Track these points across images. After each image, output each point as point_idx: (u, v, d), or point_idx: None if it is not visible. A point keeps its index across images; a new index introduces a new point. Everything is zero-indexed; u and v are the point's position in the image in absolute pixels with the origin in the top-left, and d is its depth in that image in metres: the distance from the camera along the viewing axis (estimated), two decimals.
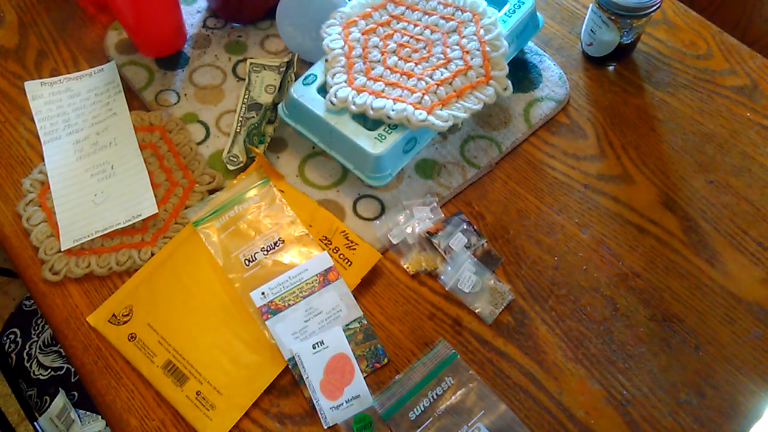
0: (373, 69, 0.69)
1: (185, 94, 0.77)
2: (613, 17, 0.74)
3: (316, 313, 0.63)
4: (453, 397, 0.59)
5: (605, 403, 0.60)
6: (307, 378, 0.60)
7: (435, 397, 0.59)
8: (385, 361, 0.62)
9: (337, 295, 0.63)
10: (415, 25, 0.72)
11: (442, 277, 0.66)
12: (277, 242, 0.66)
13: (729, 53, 0.82)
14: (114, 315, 0.63)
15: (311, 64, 0.74)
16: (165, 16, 0.76)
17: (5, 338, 0.99)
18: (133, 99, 0.78)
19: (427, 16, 0.72)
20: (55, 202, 0.69)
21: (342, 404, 0.59)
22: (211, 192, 0.70)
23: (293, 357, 0.61)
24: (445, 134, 0.74)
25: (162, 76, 0.78)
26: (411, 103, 0.66)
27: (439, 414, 0.58)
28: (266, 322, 0.62)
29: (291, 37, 0.77)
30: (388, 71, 0.69)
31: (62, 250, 0.66)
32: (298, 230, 0.67)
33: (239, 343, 0.62)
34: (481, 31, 0.70)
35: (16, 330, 0.99)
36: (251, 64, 0.78)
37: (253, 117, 0.74)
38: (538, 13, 0.77)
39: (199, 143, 0.74)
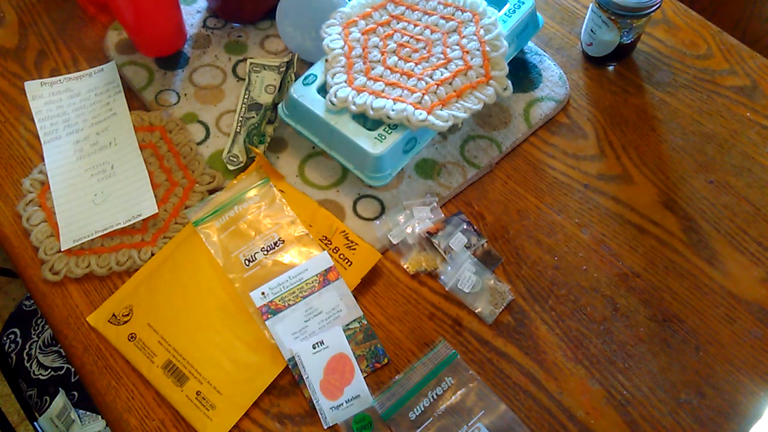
0: (373, 69, 0.69)
1: (185, 94, 0.77)
2: (613, 17, 0.74)
3: (316, 313, 0.63)
4: (453, 397, 0.59)
5: (605, 403, 0.60)
6: (307, 378, 0.60)
7: (435, 397, 0.59)
8: (385, 361, 0.62)
9: (337, 295, 0.63)
10: (415, 25, 0.72)
11: (442, 277, 0.66)
12: (277, 242, 0.66)
13: (729, 53, 0.82)
14: (114, 315, 0.63)
15: (311, 64, 0.74)
16: (165, 16, 0.76)
17: (5, 338, 0.99)
18: (133, 99, 0.78)
19: (427, 16, 0.72)
20: (55, 202, 0.69)
21: (342, 404, 0.59)
22: (211, 192, 0.70)
23: (293, 357, 0.61)
24: (445, 134, 0.74)
25: (162, 76, 0.78)
26: (411, 103, 0.66)
27: (439, 414, 0.58)
28: (266, 322, 0.62)
29: (291, 37, 0.77)
30: (388, 71, 0.69)
31: (62, 250, 0.66)
32: (298, 230, 0.67)
33: (239, 343, 0.62)
34: (481, 31, 0.70)
35: (16, 330, 0.99)
36: (251, 64, 0.78)
37: (253, 117, 0.74)
38: (538, 13, 0.77)
39: (199, 143, 0.74)
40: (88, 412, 0.91)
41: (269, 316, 0.62)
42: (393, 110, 0.65)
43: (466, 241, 0.67)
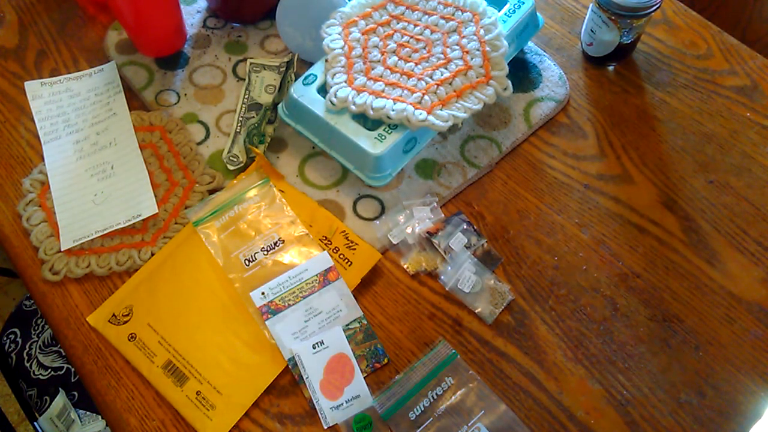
0: (373, 69, 0.69)
1: (185, 94, 0.77)
2: (613, 17, 0.74)
3: (316, 313, 0.63)
4: (453, 397, 0.59)
5: (605, 403, 0.60)
6: (307, 378, 0.60)
7: (435, 397, 0.59)
8: (385, 361, 0.62)
9: (337, 295, 0.63)
10: (415, 25, 0.72)
11: (442, 277, 0.66)
12: (277, 242, 0.66)
13: (729, 53, 0.82)
14: (114, 315, 0.63)
15: (311, 64, 0.74)
16: (165, 16, 0.76)
17: (5, 338, 0.99)
18: (133, 99, 0.78)
19: (427, 16, 0.72)
20: (55, 202, 0.69)
21: (342, 404, 0.59)
22: (211, 192, 0.70)
23: (293, 357, 0.61)
24: (445, 134, 0.74)
25: (162, 76, 0.78)
26: (411, 103, 0.66)
27: (439, 414, 0.58)
28: (266, 322, 0.62)
29: (291, 37, 0.77)
30: (388, 71, 0.69)
31: (62, 250, 0.66)
32: (298, 230, 0.67)
33: (239, 343, 0.62)
34: (481, 31, 0.70)
35: (16, 330, 0.99)
36: (251, 64, 0.78)
37: (253, 117, 0.74)
38: (538, 13, 0.77)
39: (199, 143, 0.74)
40: (88, 412, 0.91)
41: (269, 316, 0.62)
42: (393, 110, 0.65)
43: (466, 241, 0.67)
